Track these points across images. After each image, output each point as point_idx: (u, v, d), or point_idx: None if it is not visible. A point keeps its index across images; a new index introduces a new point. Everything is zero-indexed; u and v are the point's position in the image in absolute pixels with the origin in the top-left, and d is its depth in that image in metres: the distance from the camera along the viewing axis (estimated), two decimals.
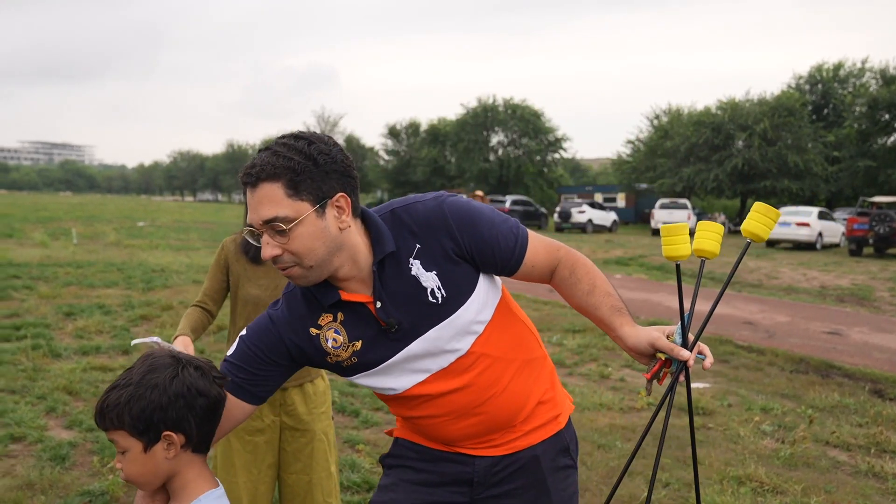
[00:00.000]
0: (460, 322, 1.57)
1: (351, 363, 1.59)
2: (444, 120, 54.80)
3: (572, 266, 1.67)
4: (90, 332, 7.09)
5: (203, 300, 2.52)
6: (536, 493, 1.72)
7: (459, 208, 1.59)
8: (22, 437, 4.06)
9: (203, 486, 1.40)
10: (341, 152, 1.49)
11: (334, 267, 1.51)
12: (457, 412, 1.64)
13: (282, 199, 1.41)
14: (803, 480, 3.92)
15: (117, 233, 21.94)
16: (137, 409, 1.32)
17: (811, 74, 38.80)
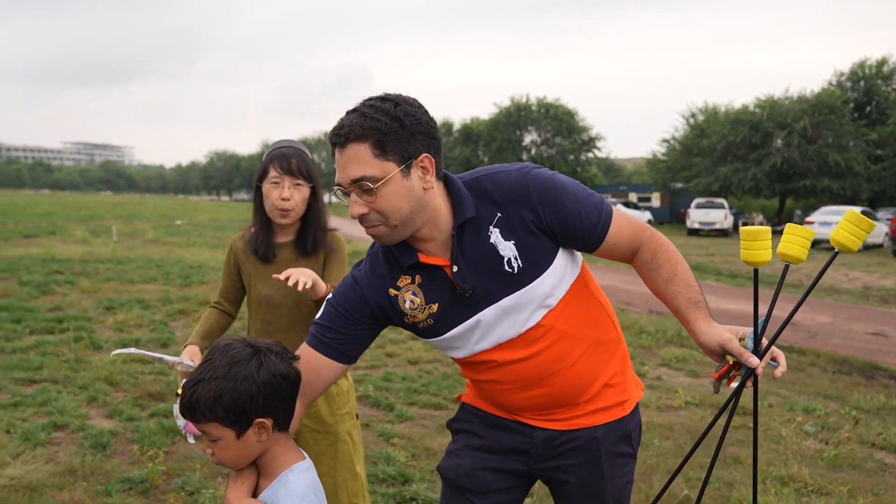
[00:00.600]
0: (534, 294, 1.59)
1: (427, 325, 1.64)
2: (476, 119, 54.73)
3: (655, 250, 1.63)
4: (130, 325, 7.21)
5: (219, 301, 2.42)
6: (591, 474, 1.73)
7: (543, 180, 1.58)
8: (65, 426, 4.13)
9: (291, 458, 1.48)
10: (426, 114, 1.51)
11: (417, 226, 1.54)
12: (521, 382, 1.66)
13: (369, 160, 1.45)
14: (849, 482, 3.81)
15: (155, 230, 22.34)
16: (229, 400, 1.37)
17: (853, 71, 37.85)
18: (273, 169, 2.24)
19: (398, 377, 5.65)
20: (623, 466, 1.76)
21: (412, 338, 7.23)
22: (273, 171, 2.24)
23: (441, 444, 4.12)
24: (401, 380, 5.57)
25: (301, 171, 2.25)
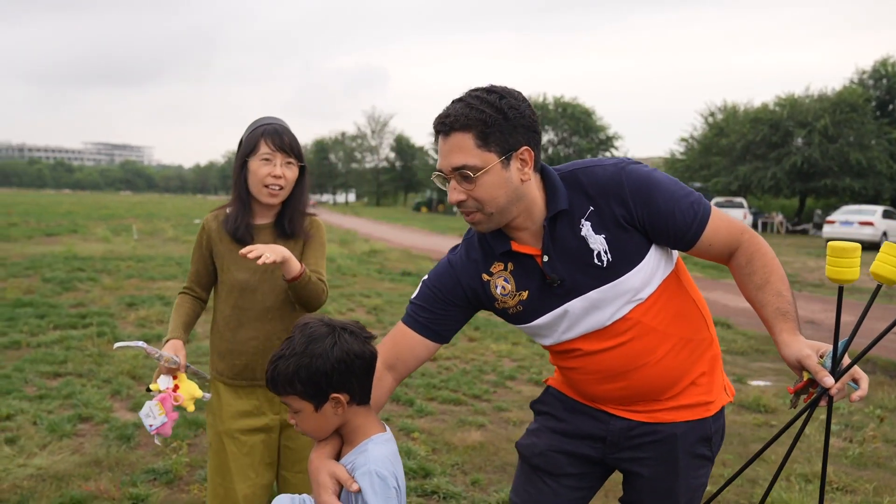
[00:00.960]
0: (622, 288, 1.60)
1: (516, 311, 1.68)
2: None
3: (751, 255, 1.61)
4: (151, 321, 7.29)
5: (190, 286, 2.26)
6: (666, 470, 1.72)
7: (638, 177, 1.59)
8: (90, 418, 4.18)
9: (371, 429, 1.54)
10: (529, 108, 1.54)
11: (513, 216, 1.58)
12: (604, 373, 1.68)
13: (472, 149, 1.50)
14: (874, 480, 3.77)
15: (175, 229, 22.53)
16: (305, 376, 1.45)
17: (875, 69, 37.38)
18: (265, 144, 2.09)
19: (417, 373, 5.65)
20: (699, 468, 1.74)
21: None
22: (264, 147, 2.09)
23: (461, 439, 4.13)
24: (420, 375, 5.58)
25: (294, 148, 2.12)
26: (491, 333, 7.38)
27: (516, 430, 4.39)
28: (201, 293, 2.27)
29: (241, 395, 2.17)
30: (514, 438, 4.19)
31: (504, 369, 5.93)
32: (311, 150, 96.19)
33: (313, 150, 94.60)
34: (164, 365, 1.99)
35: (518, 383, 5.56)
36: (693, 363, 1.69)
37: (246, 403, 2.16)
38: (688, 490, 1.73)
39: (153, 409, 1.98)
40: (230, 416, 2.15)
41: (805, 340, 1.48)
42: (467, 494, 3.41)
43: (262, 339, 2.14)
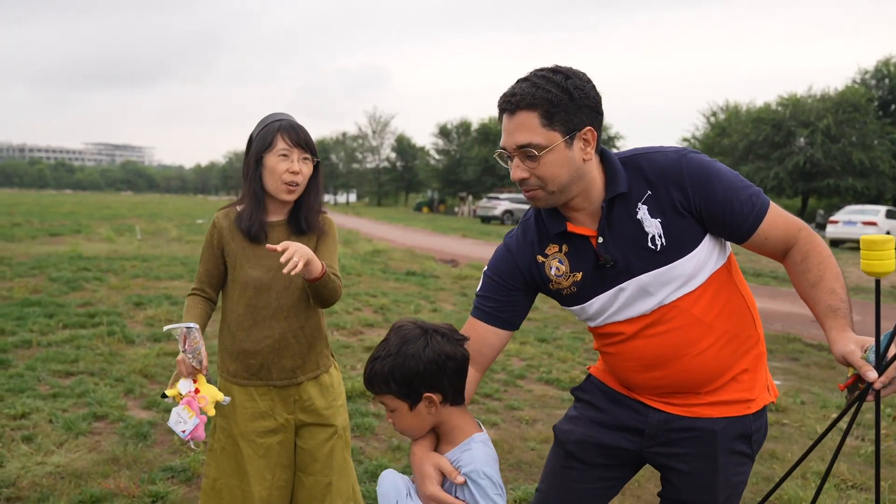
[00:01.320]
0: (674, 273, 1.61)
1: (570, 292, 1.71)
2: (495, 119, 54.50)
3: (806, 252, 1.61)
4: (160, 320, 7.29)
5: (200, 287, 2.19)
6: (704, 466, 1.71)
7: (699, 165, 1.60)
8: (104, 416, 4.19)
9: (470, 429, 1.60)
10: (594, 89, 1.57)
11: (573, 195, 1.62)
12: (645, 360, 1.68)
13: (536, 128, 1.52)
14: (888, 478, 3.78)
15: (178, 229, 22.55)
16: (399, 376, 1.51)
17: (878, 69, 37.37)
18: (282, 140, 2.06)
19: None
20: (739, 465, 1.73)
21: None
22: (282, 143, 2.06)
23: None
24: None
25: (310, 144, 2.11)
26: None
27: (529, 428, 4.40)
28: (211, 293, 2.21)
29: (255, 396, 2.14)
30: (527, 437, 4.20)
31: (514, 368, 5.93)
32: None
33: None
34: (190, 364, 1.94)
35: (528, 382, 5.56)
36: (737, 360, 1.69)
37: (260, 405, 2.14)
38: (727, 486, 1.72)
39: (182, 414, 1.92)
40: (245, 418, 2.13)
41: (853, 336, 1.47)
42: None
43: (276, 337, 2.12)
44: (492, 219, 36.16)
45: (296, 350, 2.15)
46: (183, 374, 1.96)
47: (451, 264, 14.40)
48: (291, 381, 2.15)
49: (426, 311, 8.73)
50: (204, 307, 2.18)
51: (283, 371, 2.14)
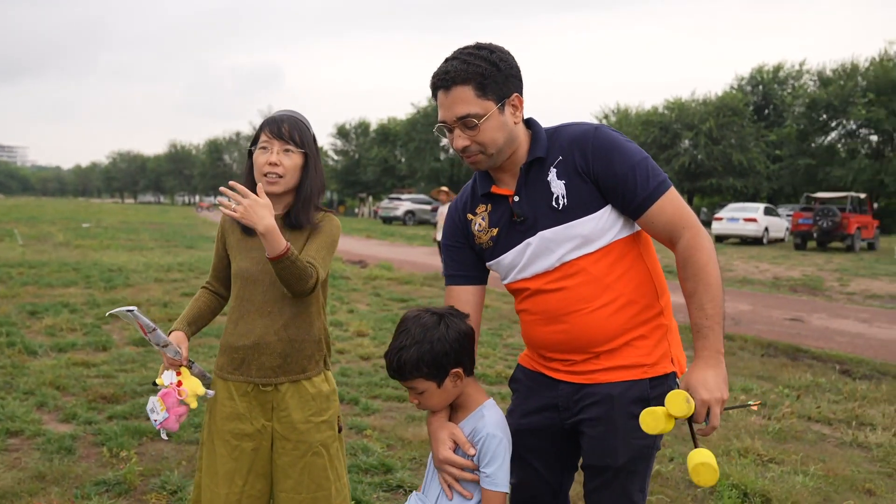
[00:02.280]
0: (573, 232, 1.75)
1: (488, 247, 1.87)
2: (394, 120, 54.65)
3: (685, 259, 1.69)
4: (61, 329, 6.87)
5: (210, 281, 2.25)
6: (605, 430, 1.78)
7: (606, 138, 1.75)
8: (19, 431, 3.91)
9: (479, 397, 1.81)
10: (514, 60, 1.74)
11: (506, 155, 1.79)
12: (548, 313, 1.81)
13: (472, 99, 1.69)
14: (798, 451, 4.09)
15: (64, 234, 21.24)
16: (429, 359, 1.69)
17: (752, 76, 40.11)
18: (263, 134, 2.07)
19: (354, 372, 5.63)
20: (639, 430, 1.69)
21: (359, 334, 7.21)
22: (263, 136, 2.07)
23: (414, 434, 4.16)
24: (358, 374, 5.55)
25: (292, 136, 2.06)
26: None
27: None
28: (219, 287, 2.24)
29: (234, 394, 2.08)
30: None
31: None
32: (204, 151, 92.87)
33: (206, 151, 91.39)
34: (168, 357, 1.96)
35: None
36: (634, 326, 1.77)
37: (238, 405, 2.07)
38: (628, 449, 1.76)
39: (156, 404, 1.97)
40: (223, 416, 2.07)
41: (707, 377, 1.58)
42: None
43: (257, 333, 2.05)
44: (394, 219, 36.17)
45: (276, 349, 2.06)
46: (167, 365, 1.97)
47: (360, 265, 14.30)
48: (270, 379, 2.07)
49: (342, 312, 8.65)
50: (207, 299, 2.22)
51: (262, 369, 2.06)
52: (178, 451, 3.76)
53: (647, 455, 1.82)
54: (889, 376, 6.17)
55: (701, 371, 1.59)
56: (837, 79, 33.87)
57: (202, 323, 2.18)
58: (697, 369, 1.60)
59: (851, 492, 3.55)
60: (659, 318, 1.82)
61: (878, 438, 4.38)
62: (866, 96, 31.54)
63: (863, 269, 15.87)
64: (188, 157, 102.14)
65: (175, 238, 21.93)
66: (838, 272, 15.09)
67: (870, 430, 4.57)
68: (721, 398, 1.56)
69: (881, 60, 32.64)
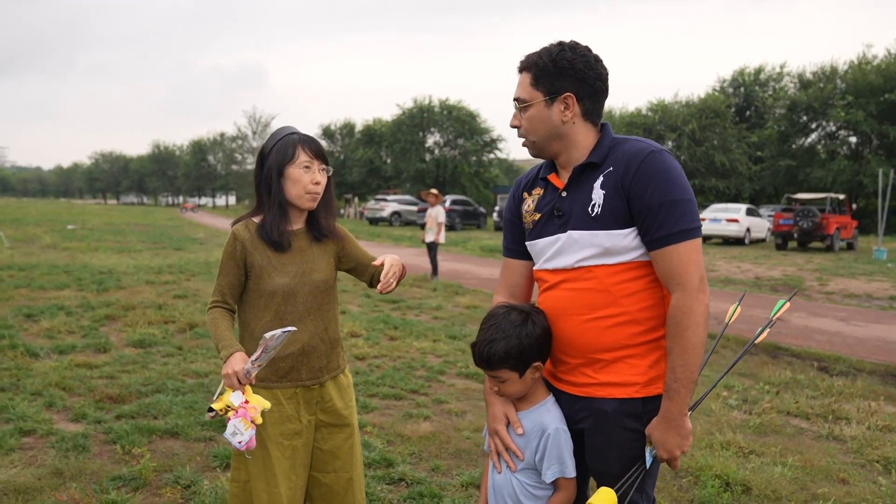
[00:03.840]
0: (597, 240, 1.82)
1: (528, 228, 2.00)
2: (379, 121, 54.71)
3: (673, 316, 1.76)
4: (60, 332, 6.97)
5: (224, 300, 2.21)
6: (601, 440, 1.89)
7: (656, 163, 1.77)
8: (32, 431, 4.05)
9: (543, 393, 1.98)
10: (586, 63, 1.83)
11: (554, 150, 1.92)
12: (556, 309, 1.91)
13: (527, 86, 1.87)
14: (777, 444, 4.31)
15: (50, 235, 21.18)
16: (516, 353, 1.85)
17: (734, 78, 40.60)
18: (303, 153, 2.18)
19: (352, 371, 5.79)
20: (634, 441, 1.86)
21: (352, 334, 7.37)
22: (304, 156, 2.18)
23: (413, 430, 4.34)
24: (355, 374, 5.71)
25: (326, 156, 2.25)
26: (410, 332, 7.60)
27: (460, 420, 4.64)
28: (233, 304, 2.25)
29: (281, 399, 2.21)
30: (460, 428, 4.45)
31: (432, 365, 6.16)
32: (188, 152, 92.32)
33: (190, 152, 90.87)
34: (245, 377, 1.98)
35: (449, 377, 5.81)
36: (632, 344, 1.83)
37: (286, 408, 2.21)
38: (622, 458, 1.86)
39: (238, 425, 1.94)
40: (272, 421, 2.18)
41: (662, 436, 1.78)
42: (431, 479, 3.62)
43: (305, 340, 2.22)
44: (380, 220, 36.22)
45: (322, 351, 2.26)
46: (235, 387, 1.98)
47: None
48: (318, 380, 2.26)
49: None
50: (230, 318, 2.22)
51: (312, 371, 2.24)
52: (187, 448, 3.91)
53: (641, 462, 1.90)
54: (864, 372, 6.43)
55: (662, 432, 1.77)
56: (817, 81, 34.45)
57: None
58: (660, 429, 1.78)
59: (827, 481, 3.77)
60: (660, 341, 1.86)
61: (852, 431, 4.62)
62: (845, 98, 32.11)
63: (842, 268, 16.21)
64: (172, 157, 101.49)
65: (162, 240, 21.94)
66: (818, 272, 15.42)
67: (845, 424, 4.80)
68: (676, 455, 1.79)
69: (859, 63, 33.23)
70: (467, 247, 21.59)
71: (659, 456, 1.81)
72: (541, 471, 1.90)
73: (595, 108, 1.88)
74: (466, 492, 3.50)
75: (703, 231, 11.60)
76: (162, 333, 7.05)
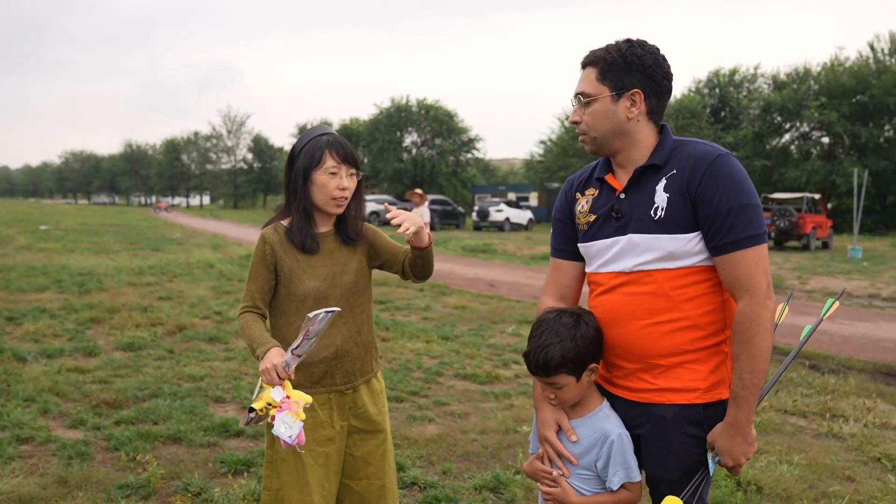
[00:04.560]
0: (659, 244, 1.78)
1: (582, 230, 1.95)
2: (356, 120, 54.56)
3: (740, 322, 1.71)
4: (45, 335, 6.82)
5: (255, 305, 2.17)
6: (660, 446, 1.85)
7: (725, 167, 1.73)
8: (30, 438, 3.94)
9: (598, 398, 1.93)
10: (655, 60, 1.80)
11: (614, 148, 1.86)
12: (613, 313, 1.86)
13: (592, 81, 1.82)
14: (779, 443, 4.35)
15: (24, 237, 20.76)
16: (573, 355, 1.82)
17: (709, 79, 41.05)
18: (330, 157, 2.14)
19: None
20: (693, 447, 1.82)
21: None
22: (331, 160, 2.13)
23: (419, 434, 4.30)
24: None
25: (355, 160, 2.20)
26: (402, 333, 7.56)
27: (464, 421, 4.61)
28: (264, 309, 2.21)
29: (315, 405, 2.14)
30: (465, 429, 4.42)
31: (429, 366, 6.13)
32: (162, 151, 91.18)
33: (163, 151, 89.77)
34: (284, 370, 1.91)
35: (447, 378, 5.78)
36: (692, 350, 1.79)
37: (320, 414, 2.17)
38: (681, 464, 1.83)
39: (286, 419, 1.89)
40: (306, 428, 2.09)
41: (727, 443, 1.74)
42: (444, 483, 3.59)
43: (338, 344, 2.18)
44: None
45: (355, 354, 2.22)
46: (275, 382, 1.93)
47: None
48: (352, 384, 2.22)
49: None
50: (263, 322, 2.17)
51: (346, 374, 2.20)
52: (192, 454, 3.83)
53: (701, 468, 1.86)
54: (854, 370, 6.51)
55: (728, 440, 1.73)
56: (791, 82, 34.99)
57: None
58: (725, 436, 1.74)
59: (834, 479, 3.81)
60: (720, 346, 1.82)
61: (850, 429, 4.67)
62: (818, 100, 32.63)
63: (820, 267, 16.47)
64: (144, 156, 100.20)
65: (139, 240, 21.62)
66: (797, 270, 15.64)
67: (843, 422, 4.86)
68: (741, 462, 1.76)
69: (832, 65, 33.82)
70: (448, 247, 21.58)
71: (723, 463, 1.77)
72: (604, 478, 1.86)
73: (659, 108, 1.84)
74: (480, 495, 3.47)
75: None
76: (151, 336, 6.93)
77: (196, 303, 9.21)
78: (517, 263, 17.23)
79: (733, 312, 1.79)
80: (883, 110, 31.75)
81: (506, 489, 3.51)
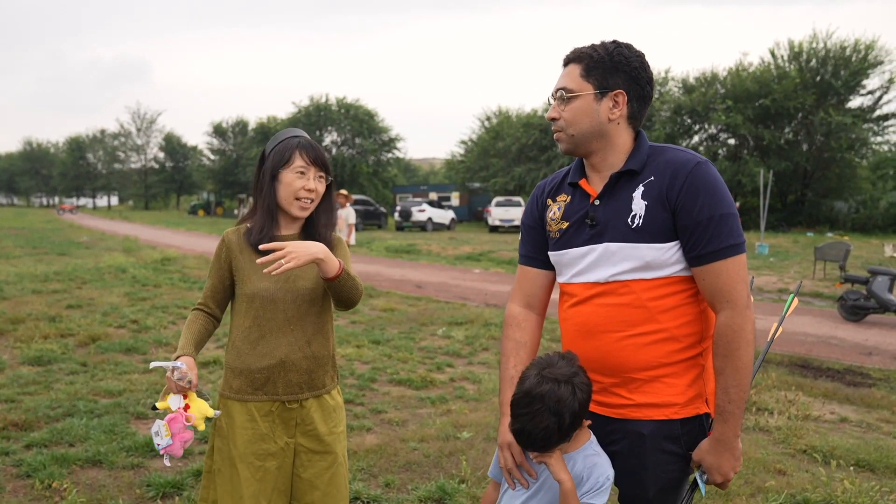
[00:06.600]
0: (637, 253, 1.72)
1: (554, 238, 1.88)
2: (274, 119, 53.36)
3: (722, 335, 1.68)
4: None
5: (205, 303, 2.16)
6: (635, 463, 1.79)
7: (704, 175, 1.69)
8: None
9: (586, 434, 1.81)
10: (640, 63, 1.77)
11: (591, 149, 1.81)
12: (587, 326, 1.79)
13: (576, 77, 1.77)
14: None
15: None
16: (569, 427, 1.69)
17: None
18: (300, 157, 2.09)
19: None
20: (670, 464, 1.78)
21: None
22: (300, 160, 2.09)
23: (357, 444, 4.16)
24: None
25: (325, 163, 2.14)
26: None
27: (402, 429, 4.50)
28: (216, 310, 2.18)
29: (256, 416, 2.07)
30: (404, 438, 4.31)
31: (361, 372, 5.98)
32: (65, 150, 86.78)
33: (66, 150, 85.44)
34: (178, 383, 1.91)
35: (381, 385, 5.65)
36: (669, 362, 1.74)
37: (261, 426, 2.07)
38: (657, 481, 1.78)
39: (161, 428, 1.93)
40: (244, 440, 2.06)
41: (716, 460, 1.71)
42: (387, 496, 3.47)
43: (282, 352, 2.08)
44: None
45: (303, 367, 2.10)
46: (172, 391, 1.92)
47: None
48: (297, 396, 2.10)
49: None
50: (204, 323, 2.14)
51: (289, 386, 2.08)
52: (114, 478, 3.57)
53: (677, 487, 1.82)
54: (773, 363, 6.77)
55: (716, 457, 1.69)
56: (699, 86, 36.39)
57: (202, 345, 2.12)
58: (713, 453, 1.70)
59: (766, 473, 3.91)
60: (697, 358, 1.78)
61: (776, 422, 4.83)
62: (725, 103, 34.07)
63: None
64: (46, 155, 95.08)
65: (43, 244, 20.42)
66: None
67: (768, 415, 5.02)
68: (730, 478, 1.72)
69: (737, 70, 35.39)
70: (372, 248, 21.37)
71: (712, 480, 1.73)
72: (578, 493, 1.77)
73: (640, 113, 1.80)
74: None
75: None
76: (61, 349, 6.48)
77: (109, 311, 8.71)
78: (442, 264, 17.21)
79: (711, 323, 1.77)
80: (784, 114, 33.45)
81: (451, 499, 3.43)
